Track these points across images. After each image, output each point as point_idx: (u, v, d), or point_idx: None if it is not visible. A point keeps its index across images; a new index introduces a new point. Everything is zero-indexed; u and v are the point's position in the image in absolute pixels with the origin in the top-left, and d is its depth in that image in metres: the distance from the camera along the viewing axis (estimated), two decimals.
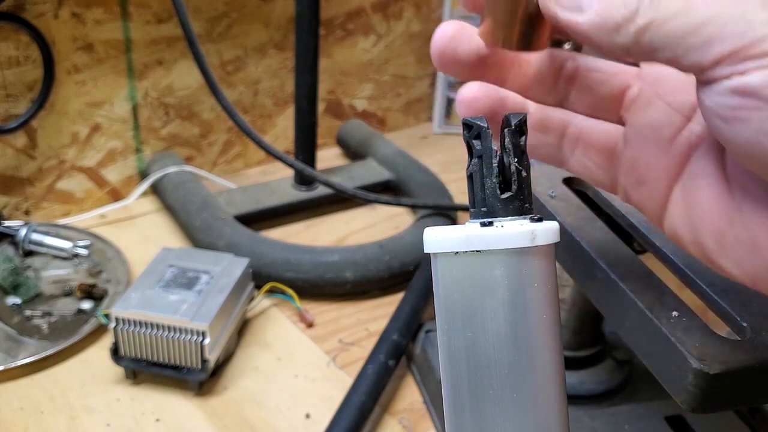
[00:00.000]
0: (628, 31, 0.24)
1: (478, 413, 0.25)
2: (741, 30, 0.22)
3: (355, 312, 0.86)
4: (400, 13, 1.23)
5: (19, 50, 0.90)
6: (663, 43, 0.24)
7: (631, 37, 0.24)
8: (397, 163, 1.09)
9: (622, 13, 0.24)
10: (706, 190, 0.28)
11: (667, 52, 0.24)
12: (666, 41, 0.24)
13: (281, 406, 0.72)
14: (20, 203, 0.98)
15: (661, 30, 0.24)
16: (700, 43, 0.23)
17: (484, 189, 0.26)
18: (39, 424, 0.69)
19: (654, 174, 0.29)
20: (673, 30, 0.23)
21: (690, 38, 0.23)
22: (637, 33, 0.24)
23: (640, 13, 0.24)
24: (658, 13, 0.24)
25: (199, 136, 1.11)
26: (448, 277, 0.26)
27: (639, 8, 0.24)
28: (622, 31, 0.24)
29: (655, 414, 0.63)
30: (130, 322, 0.71)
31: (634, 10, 0.24)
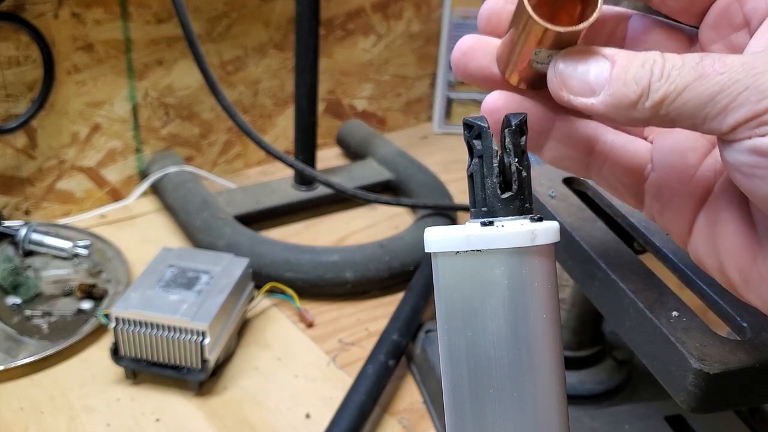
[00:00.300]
0: (644, 107, 0.24)
1: (479, 413, 0.25)
2: (755, 98, 0.23)
3: (355, 312, 0.86)
4: (400, 13, 1.23)
5: (19, 50, 0.90)
6: (680, 115, 0.24)
7: (648, 112, 0.24)
8: (397, 163, 1.09)
9: (635, 90, 0.24)
10: (730, 223, 0.28)
11: (685, 122, 0.24)
12: (682, 113, 0.24)
13: (281, 406, 0.72)
14: (20, 203, 0.98)
15: (676, 103, 0.24)
16: (716, 113, 0.23)
17: (485, 189, 0.26)
18: (39, 424, 0.69)
19: (679, 201, 0.30)
20: (688, 102, 0.24)
21: (706, 109, 0.23)
22: (652, 108, 0.24)
23: (652, 89, 0.24)
24: (671, 86, 0.24)
25: (199, 136, 1.11)
26: (449, 276, 0.26)
27: (651, 84, 0.24)
28: (638, 108, 0.24)
29: (655, 414, 0.63)
30: (130, 322, 0.71)
31: (646, 87, 0.24)
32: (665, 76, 0.24)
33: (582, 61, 0.26)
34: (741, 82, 0.23)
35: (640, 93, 0.24)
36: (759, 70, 0.23)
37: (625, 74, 0.25)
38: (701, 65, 0.24)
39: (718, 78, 0.23)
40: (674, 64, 0.24)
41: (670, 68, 0.24)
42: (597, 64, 0.25)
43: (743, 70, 0.23)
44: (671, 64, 0.24)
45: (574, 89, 0.26)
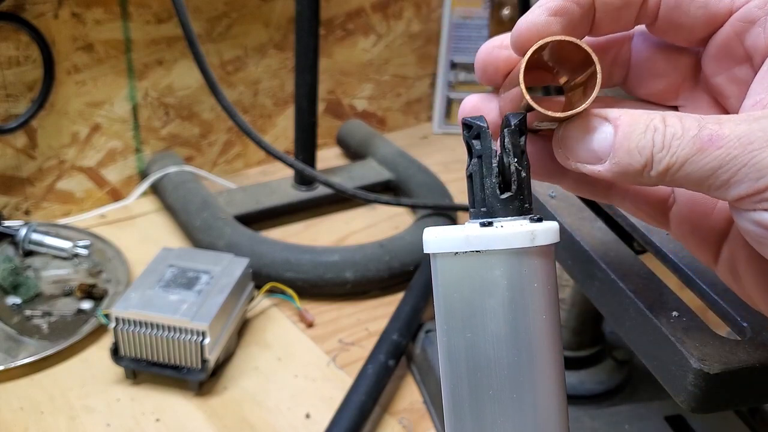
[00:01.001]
0: (650, 175, 0.25)
1: (478, 413, 0.25)
2: (754, 176, 0.23)
3: (355, 312, 0.86)
4: (400, 13, 1.23)
5: (19, 50, 0.90)
6: (685, 183, 0.24)
7: (655, 179, 0.25)
8: (397, 163, 1.09)
9: (639, 161, 0.25)
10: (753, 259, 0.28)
11: (693, 188, 0.25)
12: (687, 182, 0.24)
13: (281, 406, 0.72)
14: (20, 203, 0.98)
15: (680, 174, 0.24)
16: (718, 186, 0.24)
17: (484, 189, 0.26)
18: (39, 424, 0.69)
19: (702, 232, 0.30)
20: (690, 174, 0.24)
21: (708, 180, 0.24)
22: (658, 176, 0.25)
23: (655, 159, 0.24)
24: (672, 158, 0.24)
25: (199, 136, 1.11)
26: (448, 277, 0.26)
27: (654, 155, 0.24)
28: (644, 175, 0.25)
29: (655, 414, 0.63)
30: (130, 322, 0.71)
31: (649, 158, 0.24)
32: (666, 147, 0.24)
33: (585, 130, 0.26)
34: (738, 159, 0.23)
35: (644, 163, 0.25)
36: (755, 147, 0.23)
37: (627, 143, 0.25)
38: (699, 138, 0.24)
39: (716, 153, 0.23)
40: (674, 133, 0.24)
41: (670, 138, 0.24)
42: (600, 131, 0.25)
43: (740, 145, 0.23)
44: (671, 132, 0.24)
45: (579, 158, 0.26)
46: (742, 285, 0.29)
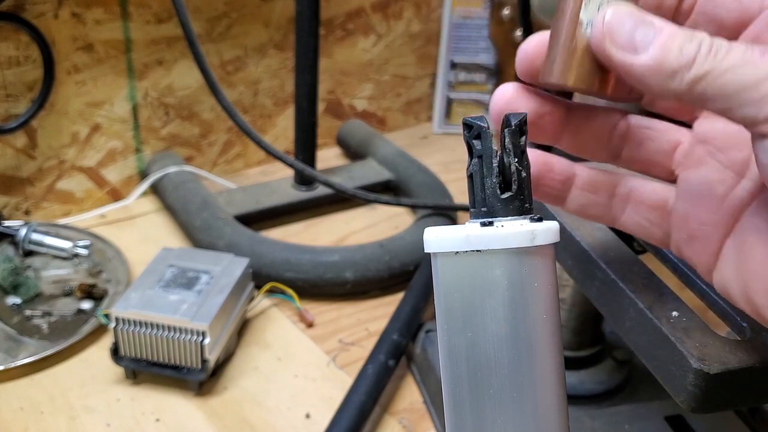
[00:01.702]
0: (682, 79, 0.24)
1: (478, 413, 0.25)
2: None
3: (355, 312, 0.86)
4: (400, 13, 1.23)
5: (19, 50, 0.90)
6: (717, 95, 0.24)
7: (686, 85, 0.24)
8: (397, 163, 1.09)
9: (679, 60, 0.24)
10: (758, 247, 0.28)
11: (720, 104, 0.24)
12: (721, 93, 0.24)
13: (281, 406, 0.72)
14: (20, 203, 0.98)
15: (718, 82, 0.24)
16: (755, 100, 0.23)
17: (484, 189, 0.26)
18: (39, 424, 0.69)
19: (706, 230, 0.30)
20: (730, 83, 0.23)
21: (746, 93, 0.23)
22: (692, 82, 0.24)
23: (697, 62, 0.24)
24: (716, 64, 0.24)
25: (199, 136, 1.11)
26: (449, 276, 0.26)
27: (697, 57, 0.24)
28: (677, 78, 0.24)
29: (655, 414, 0.63)
30: (130, 322, 0.71)
31: (691, 59, 0.24)
32: (713, 52, 0.24)
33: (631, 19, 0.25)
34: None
35: (684, 63, 0.24)
36: None
37: (671, 42, 0.24)
38: (750, 51, 0.23)
39: (765, 66, 0.23)
40: (723, 45, 0.24)
41: (718, 47, 0.24)
42: (644, 27, 0.25)
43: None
44: (720, 43, 0.24)
45: (617, 42, 0.25)
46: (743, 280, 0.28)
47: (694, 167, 0.30)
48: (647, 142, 0.31)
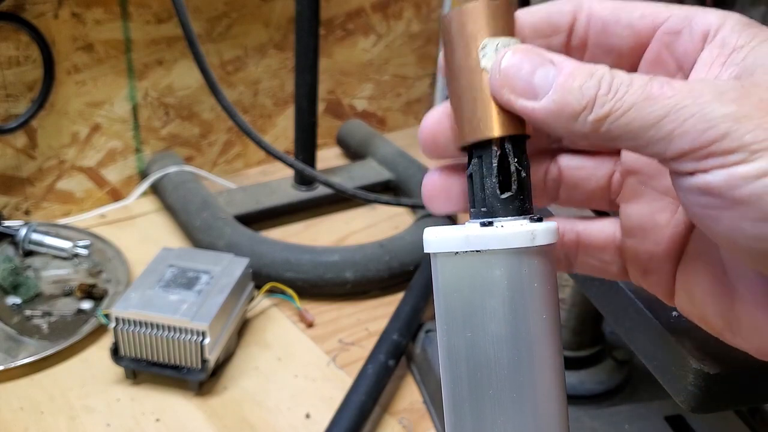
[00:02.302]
0: (585, 120, 0.24)
1: (478, 413, 0.25)
2: (701, 127, 0.22)
3: (355, 312, 0.86)
4: (400, 13, 1.23)
5: (19, 50, 0.90)
6: (622, 134, 0.23)
7: (589, 126, 0.24)
8: (397, 163, 1.09)
9: (580, 101, 0.23)
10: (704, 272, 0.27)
11: (628, 142, 0.23)
12: (625, 132, 0.23)
13: (281, 406, 0.72)
14: (20, 203, 0.98)
15: (621, 121, 0.23)
16: (660, 137, 0.23)
17: (484, 189, 0.26)
18: (39, 424, 0.69)
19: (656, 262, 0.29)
20: (632, 122, 0.23)
21: (651, 131, 0.23)
22: (595, 122, 0.23)
23: (597, 102, 0.23)
24: (617, 103, 0.23)
25: (199, 136, 1.11)
26: (448, 277, 0.26)
27: (597, 98, 0.23)
28: (580, 120, 0.24)
29: (655, 414, 0.63)
30: (130, 322, 0.71)
31: (592, 99, 0.23)
32: (613, 91, 0.23)
33: (527, 61, 0.25)
34: (688, 109, 0.22)
35: (584, 104, 0.23)
36: (706, 99, 0.22)
37: (571, 82, 0.24)
38: (650, 86, 0.23)
39: (665, 101, 0.22)
40: (623, 81, 0.23)
41: (618, 84, 0.23)
42: (543, 68, 0.24)
43: (691, 96, 0.22)
44: (620, 80, 0.23)
45: (516, 90, 0.25)
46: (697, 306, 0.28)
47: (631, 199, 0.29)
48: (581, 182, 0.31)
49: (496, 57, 0.25)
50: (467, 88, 0.26)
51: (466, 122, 0.26)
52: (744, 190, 0.22)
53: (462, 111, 0.26)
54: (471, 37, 0.26)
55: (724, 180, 0.22)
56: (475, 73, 0.26)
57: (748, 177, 0.22)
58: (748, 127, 0.22)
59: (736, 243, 0.23)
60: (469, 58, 0.26)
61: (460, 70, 0.26)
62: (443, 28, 0.27)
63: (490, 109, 0.26)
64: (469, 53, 0.26)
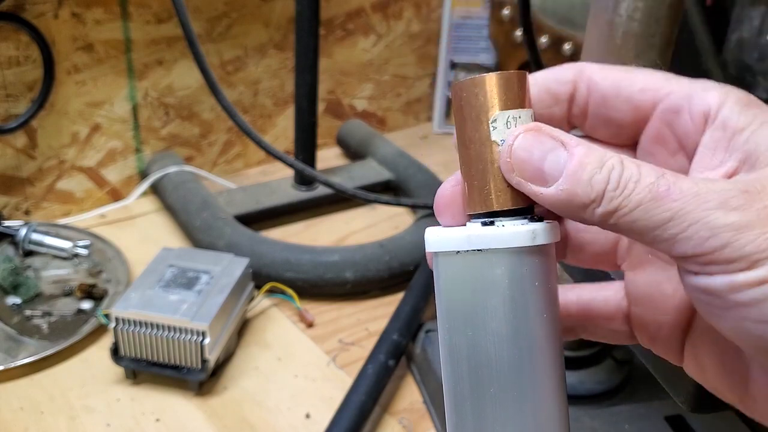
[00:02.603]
0: (594, 212, 0.24)
1: (479, 412, 0.25)
2: (704, 235, 0.22)
3: (355, 312, 0.86)
4: (400, 13, 1.23)
5: (19, 50, 0.90)
6: (628, 230, 0.24)
7: (598, 218, 0.24)
8: (397, 163, 1.09)
9: (588, 194, 0.24)
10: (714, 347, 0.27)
11: (633, 236, 0.24)
12: (631, 229, 0.23)
13: (281, 406, 0.72)
14: (20, 203, 0.98)
15: (627, 218, 0.23)
16: (664, 239, 0.23)
17: None
18: (39, 424, 0.69)
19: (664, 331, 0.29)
20: (638, 221, 0.23)
21: (656, 231, 0.23)
22: (603, 215, 0.24)
23: (606, 197, 0.23)
24: (624, 200, 0.23)
25: (199, 136, 1.11)
26: (449, 276, 0.26)
27: (606, 192, 0.23)
28: (588, 211, 0.24)
29: (655, 414, 0.64)
30: (130, 322, 0.71)
31: (600, 193, 0.23)
32: (621, 187, 0.23)
33: (538, 146, 0.25)
34: (692, 215, 0.22)
35: (593, 198, 0.24)
36: (710, 206, 0.22)
37: (581, 173, 0.24)
38: (656, 186, 0.23)
39: (671, 204, 0.23)
40: (631, 176, 0.23)
41: (627, 179, 0.23)
42: (554, 153, 0.24)
43: (695, 202, 0.22)
44: (629, 174, 0.23)
45: (525, 174, 0.25)
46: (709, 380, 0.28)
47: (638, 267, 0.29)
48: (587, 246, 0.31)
49: (506, 138, 0.25)
50: (477, 159, 0.26)
51: (476, 192, 0.26)
52: (744, 295, 0.22)
53: (471, 180, 0.26)
54: (482, 109, 0.26)
55: (725, 285, 0.23)
56: (485, 145, 0.26)
57: (749, 284, 0.22)
58: (749, 238, 0.22)
59: (740, 339, 0.24)
60: (479, 129, 0.26)
61: (470, 141, 0.26)
62: (454, 96, 0.26)
63: (500, 182, 0.26)
64: (479, 125, 0.26)
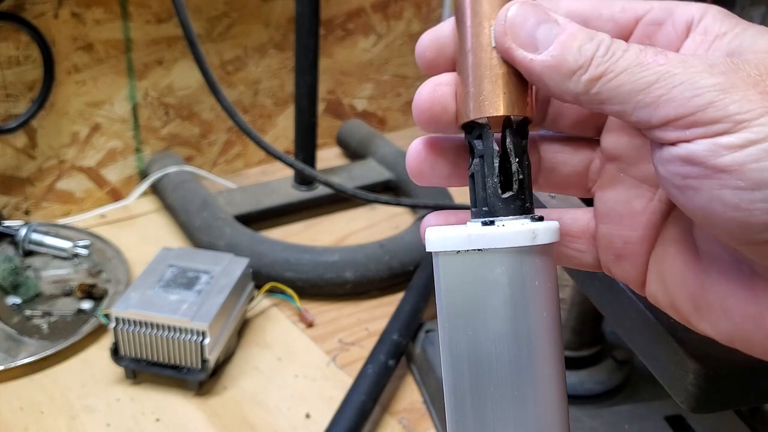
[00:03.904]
0: (579, 79, 0.24)
1: (479, 411, 0.25)
2: (688, 94, 0.22)
3: (355, 312, 0.86)
4: (400, 13, 1.23)
5: (19, 50, 0.90)
6: (612, 97, 0.24)
7: (582, 86, 0.24)
8: (397, 163, 1.09)
9: (577, 59, 0.24)
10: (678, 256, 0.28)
11: (616, 106, 0.24)
12: (616, 95, 0.24)
13: (281, 406, 0.72)
14: (20, 203, 0.98)
15: (612, 84, 0.24)
16: (648, 102, 0.23)
17: (486, 188, 0.26)
18: (39, 424, 0.69)
19: (631, 248, 0.29)
20: (623, 85, 0.24)
21: (639, 95, 0.23)
22: (588, 82, 0.24)
23: (593, 63, 0.24)
24: (611, 65, 0.24)
25: (199, 136, 1.11)
26: (450, 275, 0.26)
27: (594, 57, 0.24)
28: (574, 78, 0.24)
29: (655, 414, 0.64)
30: (130, 322, 0.71)
31: (589, 59, 0.24)
32: (610, 54, 0.24)
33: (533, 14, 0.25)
34: (677, 77, 0.23)
35: (581, 63, 0.24)
36: (696, 69, 0.23)
37: (572, 41, 0.25)
38: (644, 53, 0.24)
39: (657, 68, 0.23)
40: (620, 46, 0.24)
41: (615, 48, 0.24)
42: (547, 24, 0.25)
43: (682, 65, 0.23)
44: (617, 45, 0.24)
45: (518, 39, 0.25)
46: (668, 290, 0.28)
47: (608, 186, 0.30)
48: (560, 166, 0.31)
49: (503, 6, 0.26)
50: (476, 66, 0.26)
51: (472, 99, 0.26)
52: (726, 159, 0.22)
53: (468, 88, 0.27)
54: (485, 15, 0.26)
55: (706, 149, 0.22)
56: (485, 51, 0.26)
57: (732, 147, 0.22)
58: (734, 98, 0.22)
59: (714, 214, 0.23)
60: (481, 36, 0.26)
61: (471, 48, 0.26)
62: (457, 4, 0.27)
63: (498, 88, 0.26)
64: (481, 31, 0.26)
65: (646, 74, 0.23)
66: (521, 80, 0.26)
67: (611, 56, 0.24)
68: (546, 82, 0.25)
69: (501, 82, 0.26)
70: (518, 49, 0.25)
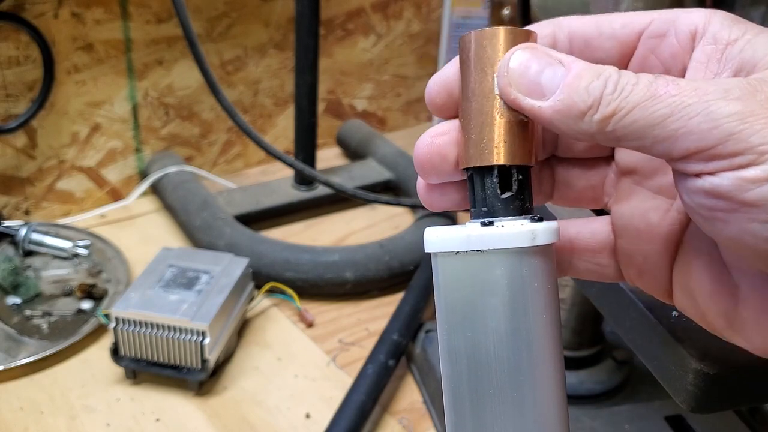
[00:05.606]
0: (591, 120, 0.23)
1: (479, 412, 0.25)
2: (706, 126, 0.21)
3: (355, 312, 0.86)
4: (400, 13, 1.23)
5: (19, 50, 0.90)
6: (627, 134, 0.23)
7: (595, 126, 0.23)
8: (397, 163, 1.09)
9: (586, 101, 0.23)
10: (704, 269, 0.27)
11: (633, 142, 0.23)
12: (631, 131, 0.23)
13: (281, 406, 0.72)
14: (20, 203, 0.98)
15: (625, 120, 0.23)
16: (665, 136, 0.22)
17: (485, 189, 0.26)
18: (39, 424, 0.69)
19: (651, 262, 0.29)
20: (637, 121, 0.23)
21: (655, 130, 0.22)
22: (601, 122, 0.23)
23: (603, 101, 0.23)
24: (622, 102, 0.23)
25: (199, 136, 1.11)
26: (449, 276, 0.26)
27: (603, 96, 0.23)
28: (585, 119, 0.24)
29: (655, 414, 0.64)
30: (130, 322, 0.71)
31: (597, 98, 0.23)
32: (619, 90, 0.23)
33: (536, 61, 0.25)
34: (693, 107, 0.22)
35: (590, 104, 0.23)
36: (711, 97, 0.22)
37: (578, 82, 0.24)
38: (654, 85, 0.23)
39: (670, 100, 0.22)
40: (629, 80, 0.23)
41: (624, 83, 0.23)
42: (551, 68, 0.24)
43: (696, 95, 0.22)
44: (626, 80, 0.23)
45: (523, 88, 0.25)
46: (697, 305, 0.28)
47: (624, 200, 0.29)
48: (574, 182, 0.31)
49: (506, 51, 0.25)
50: (478, 112, 0.26)
51: (473, 146, 0.26)
52: (754, 194, 0.21)
53: (470, 134, 0.26)
54: (488, 61, 0.26)
55: (732, 183, 0.21)
56: (488, 98, 0.26)
57: (758, 180, 0.21)
58: (755, 128, 0.21)
59: (744, 245, 0.22)
60: (484, 82, 0.26)
61: (473, 93, 0.26)
62: (462, 47, 0.26)
63: (499, 137, 0.26)
64: (484, 77, 0.26)
65: (659, 107, 0.22)
66: (524, 128, 0.26)
67: (620, 92, 0.23)
68: (558, 126, 0.24)
69: (502, 131, 0.26)
70: (525, 99, 0.25)
